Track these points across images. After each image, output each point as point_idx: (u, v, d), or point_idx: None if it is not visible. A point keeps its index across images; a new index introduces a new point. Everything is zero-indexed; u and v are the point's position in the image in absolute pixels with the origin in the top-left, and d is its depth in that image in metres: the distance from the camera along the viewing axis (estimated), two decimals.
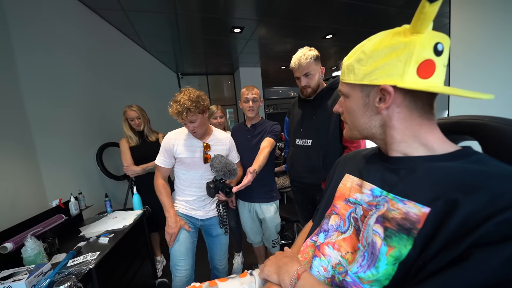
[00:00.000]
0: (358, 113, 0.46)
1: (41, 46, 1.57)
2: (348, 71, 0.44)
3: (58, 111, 1.67)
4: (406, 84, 0.37)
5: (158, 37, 2.77)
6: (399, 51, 0.37)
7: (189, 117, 1.10)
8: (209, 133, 1.28)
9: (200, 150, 1.21)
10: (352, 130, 0.49)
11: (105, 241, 1.23)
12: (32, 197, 1.40)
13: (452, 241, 0.30)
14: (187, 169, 1.22)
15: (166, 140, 1.21)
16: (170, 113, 1.12)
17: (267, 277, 0.49)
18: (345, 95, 0.47)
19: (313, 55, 1.13)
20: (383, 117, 0.43)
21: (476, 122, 0.47)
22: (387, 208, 0.40)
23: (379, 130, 0.45)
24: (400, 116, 0.41)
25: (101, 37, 2.22)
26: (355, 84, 0.44)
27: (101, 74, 2.18)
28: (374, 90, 0.42)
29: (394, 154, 0.44)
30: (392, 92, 0.39)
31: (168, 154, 1.20)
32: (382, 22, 2.81)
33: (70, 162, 1.74)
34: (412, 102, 0.40)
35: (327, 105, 1.18)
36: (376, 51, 0.40)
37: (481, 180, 0.32)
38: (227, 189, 1.11)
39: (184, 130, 1.23)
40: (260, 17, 2.44)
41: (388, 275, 0.36)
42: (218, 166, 1.04)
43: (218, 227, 1.31)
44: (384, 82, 0.39)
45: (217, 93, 4.94)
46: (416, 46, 0.36)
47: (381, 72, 0.39)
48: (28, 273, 0.87)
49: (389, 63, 0.38)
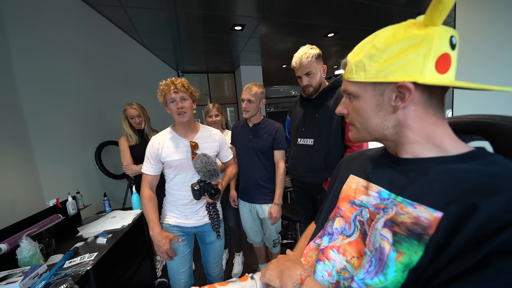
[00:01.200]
0: (370, 114, 0.42)
1: (37, 43, 1.55)
2: (357, 69, 0.41)
3: (56, 110, 1.65)
4: (426, 80, 0.35)
5: (158, 34, 2.74)
6: (416, 45, 0.35)
7: (183, 92, 1.04)
8: (196, 130, 1.17)
9: (187, 150, 1.11)
10: (361, 132, 0.45)
11: (103, 241, 1.21)
12: (29, 196, 1.38)
13: (468, 248, 0.28)
14: (175, 172, 1.12)
15: (151, 145, 1.11)
16: (159, 90, 1.05)
17: (269, 282, 0.47)
18: (354, 95, 0.43)
19: (314, 54, 1.11)
20: (398, 117, 0.40)
21: (487, 121, 0.44)
22: (395, 212, 0.38)
23: (392, 131, 0.41)
24: (416, 114, 0.39)
25: (100, 34, 2.20)
26: (366, 82, 0.40)
27: (100, 72, 2.16)
28: (389, 88, 0.38)
29: (405, 155, 0.42)
30: (412, 89, 0.36)
31: (155, 159, 1.10)
32: (384, 21, 2.78)
33: (68, 161, 1.73)
34: (429, 100, 0.38)
35: (329, 104, 1.16)
36: (390, 45, 0.37)
37: (501, 183, 0.30)
38: (212, 191, 1.05)
39: (167, 131, 1.14)
40: (262, 14, 2.41)
41: (397, 283, 0.34)
42: (199, 167, 0.98)
43: (212, 234, 1.23)
44: (402, 78, 0.36)
45: (217, 92, 4.91)
46: (434, 38, 0.34)
47: (397, 68, 0.36)
48: (23, 275, 0.85)
49: (407, 57, 0.36)
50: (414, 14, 2.75)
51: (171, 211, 1.18)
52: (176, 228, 1.16)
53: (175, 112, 1.06)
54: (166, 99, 1.06)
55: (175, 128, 1.15)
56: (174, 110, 1.06)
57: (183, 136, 1.13)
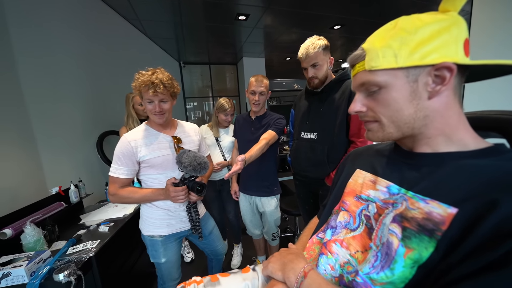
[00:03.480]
0: (403, 104, 0.37)
1: (38, 29, 1.51)
2: (385, 54, 0.36)
3: (58, 98, 1.63)
4: (463, 60, 0.33)
5: (160, 23, 2.68)
6: (448, 27, 0.34)
7: (162, 94, 0.91)
8: (175, 125, 1.08)
9: (170, 145, 1.01)
10: (387, 128, 0.40)
11: (106, 229, 1.22)
12: (32, 184, 1.39)
13: (487, 244, 0.27)
14: (159, 171, 0.99)
15: (122, 143, 0.94)
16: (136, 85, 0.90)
17: (271, 274, 0.47)
18: (382, 86, 0.38)
19: (321, 45, 1.08)
20: (432, 105, 0.37)
21: (505, 117, 0.43)
22: (405, 207, 0.37)
23: (421, 123, 0.38)
24: (448, 101, 0.37)
25: (102, 22, 2.15)
26: (397, 68, 0.36)
27: (101, 60, 2.13)
28: (424, 73, 0.35)
29: (422, 149, 0.40)
30: (454, 70, 0.34)
31: (129, 160, 0.94)
32: (393, 14, 2.69)
33: (70, 150, 1.72)
34: (458, 85, 0.36)
35: (335, 98, 1.13)
36: (421, 28, 0.34)
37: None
38: (198, 187, 0.96)
39: (142, 128, 1.01)
40: (267, 4, 2.34)
41: (405, 278, 0.33)
42: (187, 161, 0.90)
43: (209, 223, 1.18)
44: (441, 59, 0.34)
45: (219, 84, 4.86)
46: (462, 22, 0.34)
47: (432, 50, 0.34)
48: (28, 260, 0.86)
49: (440, 39, 0.34)
50: (424, 7, 2.67)
51: (161, 220, 1.03)
52: (172, 237, 1.06)
53: (152, 112, 0.95)
54: (142, 95, 0.94)
55: (152, 124, 1.03)
56: (151, 111, 0.95)
57: (162, 131, 1.02)
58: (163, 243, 1.04)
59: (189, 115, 4.71)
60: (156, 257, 1.06)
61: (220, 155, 1.67)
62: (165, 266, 1.07)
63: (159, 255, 1.05)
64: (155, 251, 1.05)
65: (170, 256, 1.07)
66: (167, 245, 1.06)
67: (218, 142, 1.67)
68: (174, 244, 1.08)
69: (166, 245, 1.05)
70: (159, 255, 1.05)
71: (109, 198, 0.99)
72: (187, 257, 1.93)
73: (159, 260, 1.06)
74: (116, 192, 0.96)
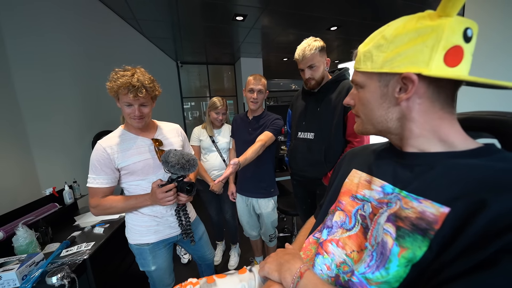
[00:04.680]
0: (374, 104, 0.42)
1: (33, 28, 1.49)
2: (365, 59, 0.40)
3: (52, 97, 1.61)
4: (432, 72, 0.33)
5: (156, 23, 2.66)
6: (425, 36, 0.34)
7: (144, 98, 0.85)
8: (154, 127, 1.01)
9: (150, 148, 0.94)
10: (365, 124, 0.45)
11: (101, 231, 1.21)
12: (24, 185, 1.36)
13: (477, 244, 0.27)
14: (141, 177, 0.93)
15: (97, 151, 0.88)
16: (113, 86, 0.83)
17: (267, 275, 0.47)
18: (360, 85, 0.43)
19: (318, 46, 1.08)
20: (402, 109, 0.39)
21: (497, 118, 0.43)
22: (399, 206, 0.37)
23: (396, 124, 0.41)
24: (421, 108, 0.38)
25: (98, 21, 2.13)
26: (372, 72, 0.40)
27: (97, 59, 2.11)
28: (394, 79, 0.38)
29: (410, 150, 0.41)
30: (416, 81, 0.35)
31: (106, 168, 0.88)
32: (389, 16, 2.73)
33: (64, 150, 1.70)
34: (435, 93, 0.37)
35: (332, 98, 1.14)
36: (399, 35, 0.36)
37: (510, 179, 0.29)
38: (188, 187, 0.90)
39: (118, 132, 0.94)
40: (264, 4, 2.34)
41: (399, 277, 0.34)
42: (174, 159, 0.85)
43: (199, 227, 1.14)
44: (407, 69, 0.35)
45: (217, 84, 4.85)
46: (445, 30, 0.33)
47: (403, 59, 0.36)
48: (19, 263, 0.85)
49: (414, 48, 0.35)
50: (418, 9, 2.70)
51: (148, 228, 0.97)
52: (161, 244, 1.01)
53: (131, 117, 0.88)
54: (119, 97, 0.87)
55: (129, 128, 0.95)
56: (127, 114, 0.88)
57: (140, 134, 0.95)
58: (151, 250, 0.99)
59: (187, 115, 4.69)
60: (145, 266, 1.01)
61: (218, 157, 1.67)
62: (156, 274, 1.03)
63: (148, 263, 1.00)
64: (144, 259, 1.00)
65: (160, 263, 1.02)
66: (156, 253, 1.00)
67: (215, 144, 1.67)
68: (164, 251, 1.03)
69: (155, 252, 1.00)
70: (148, 263, 1.00)
71: (91, 211, 0.91)
72: (184, 258, 1.92)
73: (149, 269, 1.01)
74: (98, 204, 0.88)
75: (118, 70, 0.86)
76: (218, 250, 1.98)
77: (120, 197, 0.92)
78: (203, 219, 1.24)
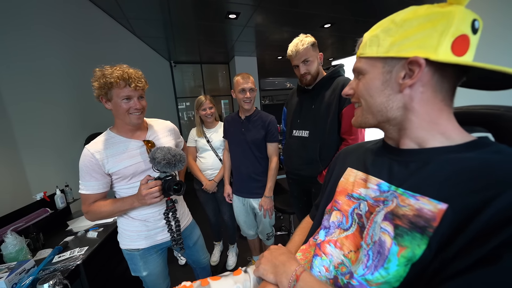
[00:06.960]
0: (375, 91, 0.40)
1: (20, 29, 1.44)
2: (371, 43, 0.39)
3: (40, 100, 1.56)
4: (440, 57, 0.33)
5: (148, 21, 2.61)
6: (435, 21, 0.33)
7: (142, 90, 0.84)
8: (145, 127, 0.97)
9: (141, 151, 0.90)
10: (365, 113, 0.43)
11: (94, 235, 1.18)
12: (13, 190, 1.32)
13: (478, 239, 0.27)
14: (132, 182, 0.89)
15: (86, 157, 0.84)
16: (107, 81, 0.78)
17: (262, 276, 0.46)
18: (361, 72, 0.42)
19: (310, 41, 1.08)
20: (404, 98, 0.38)
21: (490, 112, 0.43)
22: (396, 204, 0.37)
23: (396, 113, 0.40)
24: (423, 97, 0.37)
25: (87, 20, 2.07)
26: (376, 57, 0.39)
27: (88, 60, 2.05)
28: (399, 65, 0.37)
29: (407, 144, 0.40)
30: (423, 65, 0.34)
31: (96, 174, 0.84)
32: (383, 13, 2.73)
33: (55, 153, 1.66)
34: (439, 83, 0.36)
35: (326, 95, 1.13)
36: (409, 20, 0.35)
37: (509, 172, 0.29)
38: (175, 186, 0.85)
39: (105, 136, 0.90)
40: (257, 2, 2.32)
41: (399, 277, 0.33)
42: (160, 155, 0.80)
43: (194, 233, 1.10)
44: (414, 53, 0.34)
45: (211, 83, 4.80)
46: (455, 16, 0.32)
47: (411, 43, 0.35)
48: (9, 271, 0.82)
49: (423, 33, 0.34)
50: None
51: (138, 233, 0.94)
52: (153, 249, 0.99)
53: (127, 111, 0.83)
54: (112, 94, 0.81)
55: (118, 130, 0.91)
56: (126, 109, 0.82)
57: (130, 137, 0.91)
58: (141, 256, 0.96)
59: (181, 115, 4.64)
60: (136, 271, 0.99)
61: (213, 156, 1.65)
62: (149, 279, 1.00)
63: (139, 268, 0.98)
64: (134, 264, 0.98)
65: (152, 269, 0.99)
66: (147, 258, 0.97)
67: (210, 144, 1.65)
68: (155, 256, 1.00)
69: (146, 258, 0.97)
70: (139, 268, 0.98)
71: (85, 217, 0.90)
72: (181, 260, 1.90)
73: (140, 274, 0.99)
74: (88, 210, 0.86)
75: (105, 66, 0.82)
76: (216, 251, 1.97)
77: (108, 201, 0.88)
78: (201, 219, 1.23)
